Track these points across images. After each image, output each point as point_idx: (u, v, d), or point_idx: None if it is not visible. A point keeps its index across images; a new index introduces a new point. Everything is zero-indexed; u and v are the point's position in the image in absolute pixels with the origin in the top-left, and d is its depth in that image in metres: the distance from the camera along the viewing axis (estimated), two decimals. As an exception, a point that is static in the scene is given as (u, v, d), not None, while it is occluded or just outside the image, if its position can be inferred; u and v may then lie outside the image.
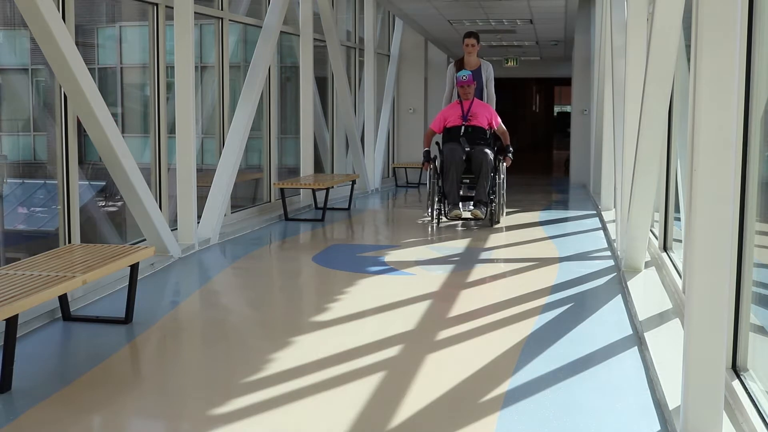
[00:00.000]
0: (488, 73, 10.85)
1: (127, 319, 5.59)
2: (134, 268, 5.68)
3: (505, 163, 10.45)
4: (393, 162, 17.45)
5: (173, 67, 8.11)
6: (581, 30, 16.24)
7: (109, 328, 5.51)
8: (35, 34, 5.86)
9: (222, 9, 9.48)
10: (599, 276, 7.24)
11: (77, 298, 5.97)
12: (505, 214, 10.69)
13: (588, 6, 15.46)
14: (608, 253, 8.35)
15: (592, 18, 15.44)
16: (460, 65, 10.92)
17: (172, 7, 7.96)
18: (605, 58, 11.45)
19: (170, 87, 8.33)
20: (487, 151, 10.14)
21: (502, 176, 10.37)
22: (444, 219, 10.24)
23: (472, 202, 10.20)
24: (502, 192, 10.41)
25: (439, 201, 10.26)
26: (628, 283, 6.58)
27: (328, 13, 12.08)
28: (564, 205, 14.19)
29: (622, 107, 7.78)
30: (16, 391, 4.31)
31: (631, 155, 6.74)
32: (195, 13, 8.14)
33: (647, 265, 7.11)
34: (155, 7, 8.11)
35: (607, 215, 10.68)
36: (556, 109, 35.37)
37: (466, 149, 10.18)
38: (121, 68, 10.86)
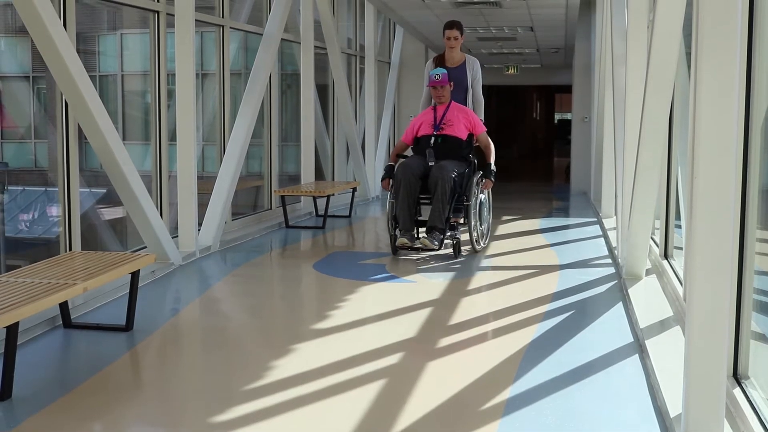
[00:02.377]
0: (475, 72, 9.15)
1: (128, 326, 5.59)
2: (135, 276, 5.68)
3: (484, 187, 8.75)
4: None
5: (174, 74, 8.12)
6: (582, 37, 16.26)
7: (110, 336, 5.50)
8: (36, 42, 5.87)
9: (223, 17, 9.50)
10: (600, 283, 7.24)
11: (78, 305, 5.96)
12: (486, 241, 9.04)
13: (588, 13, 15.48)
14: (609, 260, 8.34)
15: (592, 25, 15.47)
16: (440, 61, 9.25)
17: (173, 15, 7.97)
18: (606, 65, 11.47)
19: (171, 94, 8.34)
20: (449, 166, 8.27)
21: (481, 197, 8.71)
22: (402, 247, 8.26)
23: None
24: (483, 217, 8.86)
25: (393, 225, 8.42)
26: (629, 290, 6.58)
27: (329, 21, 12.10)
28: (565, 212, 14.19)
29: (622, 115, 7.78)
30: (17, 399, 4.30)
31: (632, 162, 6.74)
32: (196, 20, 8.15)
33: (648, 272, 7.10)
34: (156, 15, 8.12)
35: (608, 222, 10.68)
36: (557, 116, 35.36)
37: (431, 163, 8.38)
38: (122, 75, 10.87)
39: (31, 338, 5.34)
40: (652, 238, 7.55)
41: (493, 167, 8.74)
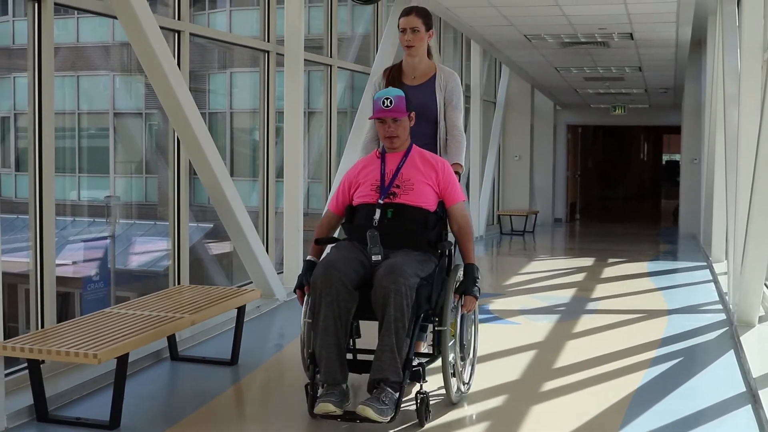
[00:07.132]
0: (449, 90, 5.30)
1: (233, 360, 5.65)
2: (241, 311, 5.75)
3: (464, 307, 4.73)
4: (498, 209, 17.39)
5: (282, 112, 8.24)
6: (692, 77, 15.99)
7: (215, 369, 5.57)
8: (151, 79, 6.03)
9: (331, 56, 9.62)
10: (710, 330, 7.04)
11: (185, 338, 6.06)
12: (470, 377, 5.11)
13: (699, 53, 15.22)
14: (719, 306, 8.12)
15: (703, 65, 15.19)
16: (394, 76, 5.36)
17: (283, 55, 8.11)
18: (717, 106, 11.23)
19: (279, 132, 8.47)
20: (407, 266, 4.42)
21: (466, 315, 4.84)
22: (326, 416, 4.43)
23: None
24: (465, 343, 4.94)
25: (312, 370, 4.56)
26: (741, 337, 6.37)
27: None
28: (673, 255, 13.92)
29: (735, 157, 7.60)
30: (125, 428, 4.38)
31: (745, 206, 6.57)
32: (305, 60, 8.27)
33: (761, 319, 6.89)
34: (266, 55, 8.27)
35: (718, 267, 10.40)
36: (665, 157, 34.84)
37: (374, 257, 4.57)
38: (231, 113, 11.10)
39: (139, 369, 5.44)
40: (766, 284, 7.33)
41: (477, 273, 4.80)
